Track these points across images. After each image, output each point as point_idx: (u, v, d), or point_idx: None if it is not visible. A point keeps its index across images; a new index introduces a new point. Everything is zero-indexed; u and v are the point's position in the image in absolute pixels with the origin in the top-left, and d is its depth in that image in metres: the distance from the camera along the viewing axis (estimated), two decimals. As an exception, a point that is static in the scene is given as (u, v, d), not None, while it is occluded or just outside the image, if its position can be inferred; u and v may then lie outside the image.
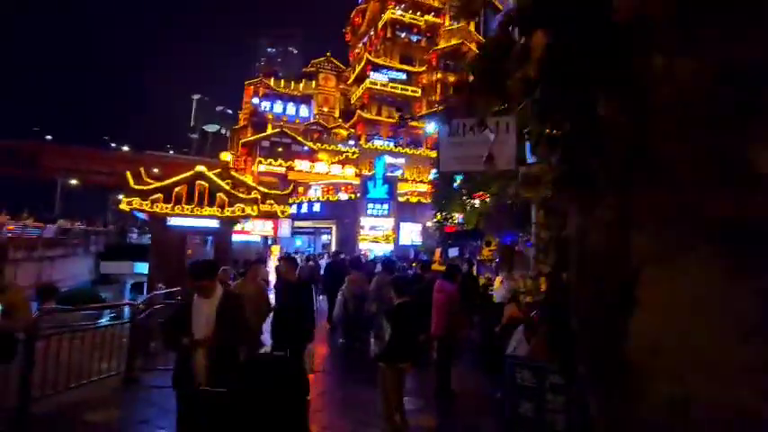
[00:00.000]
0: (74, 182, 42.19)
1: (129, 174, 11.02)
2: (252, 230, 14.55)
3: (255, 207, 11.38)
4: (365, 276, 8.11)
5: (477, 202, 15.70)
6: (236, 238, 14.43)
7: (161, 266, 9.84)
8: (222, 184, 11.49)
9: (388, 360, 4.20)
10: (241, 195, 11.29)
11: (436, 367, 5.93)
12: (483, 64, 2.12)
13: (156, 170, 27.69)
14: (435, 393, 5.70)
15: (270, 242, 15.21)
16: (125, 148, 34.05)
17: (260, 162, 33.02)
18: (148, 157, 48.56)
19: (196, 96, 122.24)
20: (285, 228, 15.30)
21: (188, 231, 11.17)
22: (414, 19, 37.75)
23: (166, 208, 10.87)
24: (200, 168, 11.40)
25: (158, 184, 11.13)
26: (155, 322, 6.42)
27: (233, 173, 13.98)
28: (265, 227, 14.76)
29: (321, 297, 9.64)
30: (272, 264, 14.75)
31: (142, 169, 11.72)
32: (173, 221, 11.21)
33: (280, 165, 32.49)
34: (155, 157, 50.07)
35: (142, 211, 10.80)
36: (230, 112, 54.65)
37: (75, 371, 5.19)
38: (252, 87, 37.01)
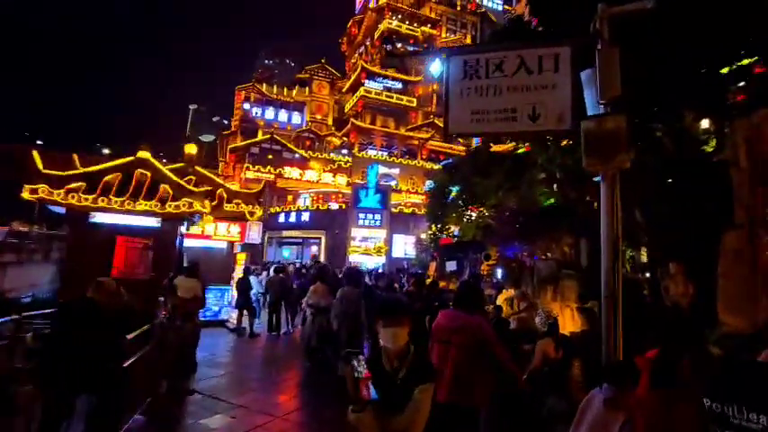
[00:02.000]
0: (56, 186, 39.07)
1: (36, 153, 8.11)
2: (214, 235, 11.87)
3: (207, 202, 8.54)
4: (329, 289, 6.89)
5: (474, 214, 14.27)
6: (195, 243, 11.71)
7: (77, 277, 6.90)
8: (169, 173, 8.61)
9: None
10: (190, 188, 8.49)
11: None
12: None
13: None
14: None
15: (239, 249, 12.50)
16: (105, 151, 31.05)
17: (247, 168, 30.48)
18: (139, 165, 45.75)
19: (193, 106, 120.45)
20: (254, 232, 12.62)
21: (119, 231, 8.28)
22: (410, 30, 35.79)
23: (86, 200, 7.91)
24: (144, 154, 8.57)
25: (80, 171, 8.19)
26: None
27: (199, 168, 11.38)
28: (231, 231, 12.13)
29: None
30: (236, 275, 12.01)
31: (75, 156, 8.97)
32: (98, 218, 8.29)
33: (268, 172, 29.84)
34: (146, 164, 47.27)
35: (53, 203, 7.89)
36: (226, 122, 52.61)
37: None
38: (243, 93, 34.49)
